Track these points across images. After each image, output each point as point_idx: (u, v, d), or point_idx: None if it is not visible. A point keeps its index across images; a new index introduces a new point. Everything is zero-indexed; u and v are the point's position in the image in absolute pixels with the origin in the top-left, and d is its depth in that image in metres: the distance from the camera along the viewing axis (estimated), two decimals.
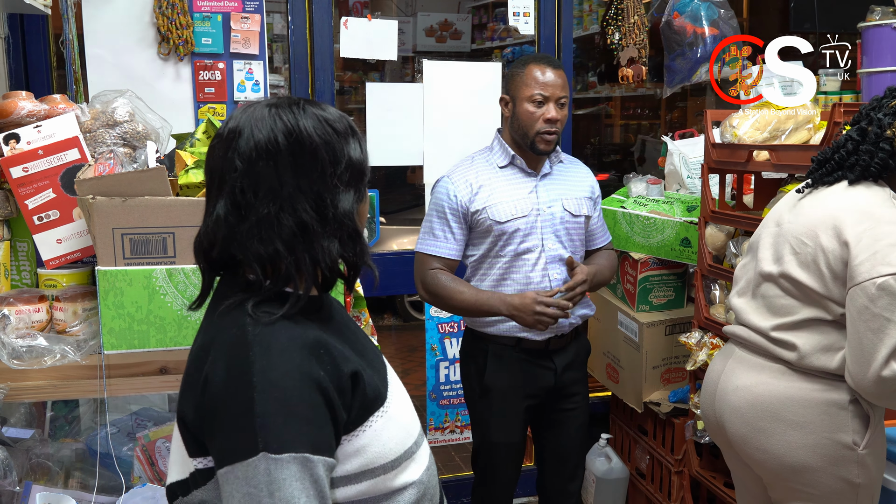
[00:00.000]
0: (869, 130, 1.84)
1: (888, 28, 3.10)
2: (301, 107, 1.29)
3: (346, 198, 1.25)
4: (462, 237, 2.44)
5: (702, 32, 3.23)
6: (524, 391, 2.47)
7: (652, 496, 3.16)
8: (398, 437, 1.33)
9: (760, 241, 2.02)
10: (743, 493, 2.17)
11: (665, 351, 3.14)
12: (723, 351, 2.15)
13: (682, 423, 2.95)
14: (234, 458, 1.14)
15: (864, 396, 1.78)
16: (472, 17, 6.12)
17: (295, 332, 1.23)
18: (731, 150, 2.66)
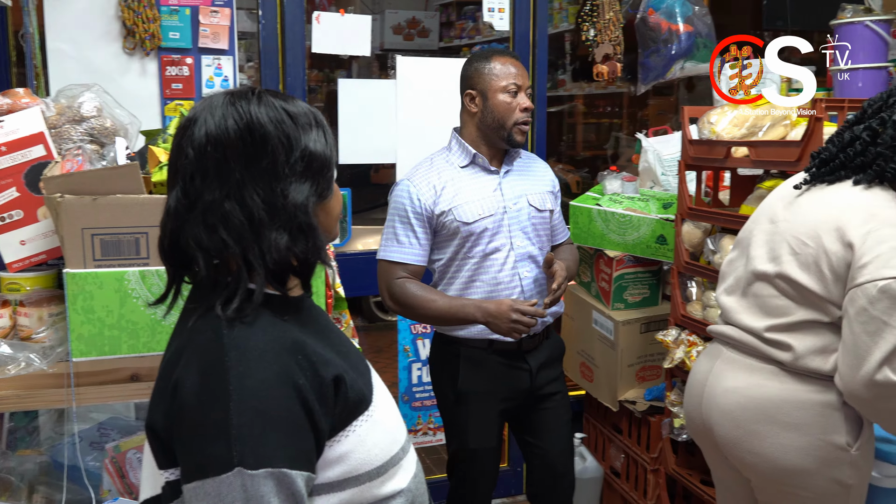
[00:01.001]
0: (882, 132, 1.79)
1: (860, 25, 3.11)
2: (258, 95, 1.25)
3: (299, 189, 1.20)
4: (427, 242, 2.36)
5: (676, 29, 3.22)
6: (500, 395, 2.43)
7: (627, 495, 3.15)
8: (384, 442, 1.28)
9: (752, 238, 1.97)
10: (725, 495, 2.15)
11: (640, 349, 3.13)
12: (708, 351, 2.10)
13: (657, 421, 2.94)
14: (206, 473, 1.08)
15: (850, 400, 1.74)
16: (440, 14, 6.07)
17: (273, 335, 1.18)
18: (708, 147, 2.65)
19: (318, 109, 1.32)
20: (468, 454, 2.46)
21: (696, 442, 2.16)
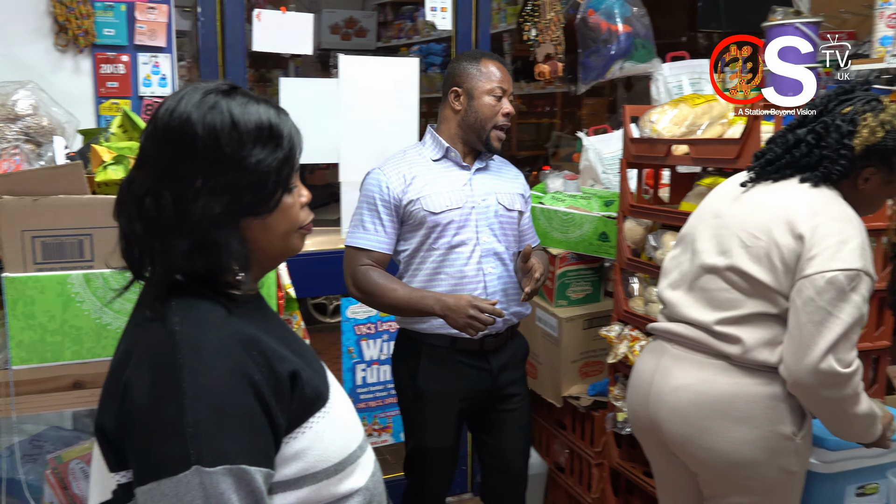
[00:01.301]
0: (826, 136, 1.87)
1: (791, 27, 3.21)
2: (218, 94, 1.22)
3: (214, 201, 1.17)
4: (393, 231, 2.38)
5: (616, 29, 3.27)
6: (458, 394, 2.43)
7: (572, 489, 3.19)
8: (341, 439, 1.27)
9: (698, 233, 2.01)
10: (668, 489, 2.17)
11: (583, 345, 3.17)
12: (651, 349, 2.13)
13: (601, 416, 2.99)
14: (161, 474, 1.06)
15: (794, 389, 1.79)
16: (377, 14, 6.04)
17: (227, 331, 1.16)
18: (650, 145, 2.70)
19: (288, 119, 1.27)
20: (424, 452, 2.46)
21: (638, 438, 2.18)
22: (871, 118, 1.87)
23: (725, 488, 1.92)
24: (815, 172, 1.88)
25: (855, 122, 1.88)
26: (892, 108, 1.90)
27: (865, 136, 1.87)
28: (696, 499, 2.07)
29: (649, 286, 2.78)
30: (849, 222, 1.81)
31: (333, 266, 3.10)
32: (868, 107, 1.90)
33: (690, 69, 3.45)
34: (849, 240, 1.77)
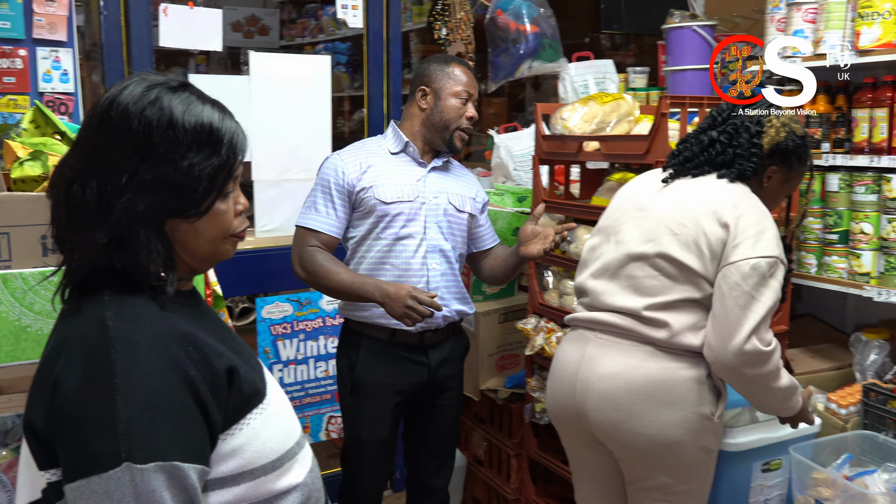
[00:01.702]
0: (738, 136, 2.02)
1: (688, 30, 3.37)
2: (164, 88, 1.20)
3: (138, 198, 1.14)
4: (344, 216, 2.43)
5: (524, 30, 3.35)
6: (395, 387, 2.44)
7: (491, 481, 3.23)
8: (279, 436, 1.27)
9: (621, 225, 2.07)
10: (587, 478, 2.20)
11: (499, 339, 3.22)
12: (571, 339, 2.15)
13: (519, 408, 3.05)
14: (91, 471, 1.04)
15: (719, 369, 1.88)
16: (280, 12, 5.96)
17: (162, 326, 1.15)
18: (561, 142, 2.78)
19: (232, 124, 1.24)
20: (360, 444, 2.47)
21: (558, 429, 2.21)
22: (776, 119, 2.04)
23: (649, 470, 1.98)
24: (730, 169, 2.01)
25: (762, 123, 2.04)
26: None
27: (772, 136, 2.02)
28: (616, 485, 2.13)
29: (563, 279, 2.85)
30: (764, 215, 1.95)
31: (248, 265, 3.07)
32: (773, 110, 2.08)
33: (595, 69, 3.57)
34: (766, 230, 1.90)
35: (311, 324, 3.21)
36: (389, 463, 2.55)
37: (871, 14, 2.62)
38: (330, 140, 3.21)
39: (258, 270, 3.08)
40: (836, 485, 2.25)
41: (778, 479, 2.38)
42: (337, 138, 3.24)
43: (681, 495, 1.99)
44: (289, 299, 3.17)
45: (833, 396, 2.61)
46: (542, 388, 2.85)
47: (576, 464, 2.23)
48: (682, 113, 2.44)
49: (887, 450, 2.36)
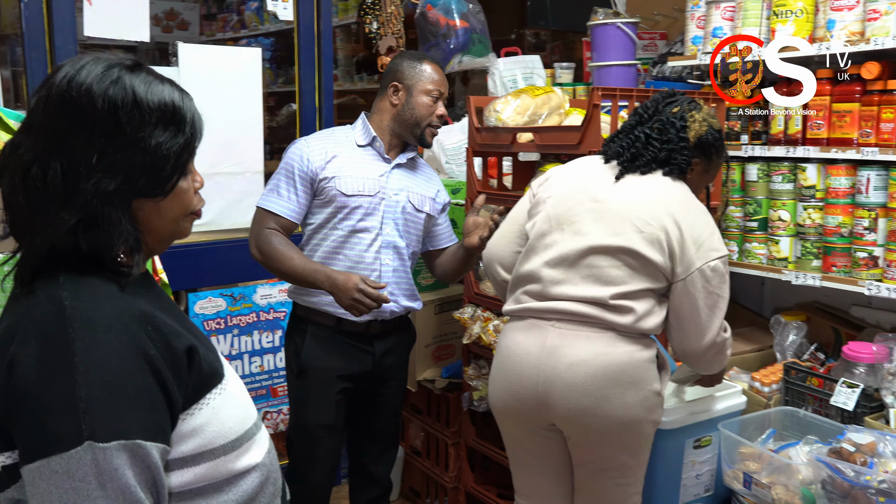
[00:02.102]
0: (667, 132, 2.12)
1: (613, 27, 3.48)
2: (122, 68, 1.19)
3: (108, 179, 1.14)
4: (305, 202, 2.44)
5: (454, 25, 3.39)
6: (340, 372, 2.46)
7: (429, 471, 3.26)
8: (238, 416, 1.27)
9: (577, 215, 2.09)
10: (533, 464, 2.20)
11: (435, 329, 3.26)
12: (523, 329, 2.12)
13: (456, 397, 3.09)
14: (51, 451, 1.02)
15: (688, 358, 2.10)
16: (199, 6, 5.84)
17: (120, 306, 1.14)
18: (495, 134, 2.83)
19: (191, 102, 1.24)
20: (304, 430, 2.47)
21: (506, 420, 2.19)
22: (697, 114, 2.16)
23: (610, 451, 2.05)
24: (671, 167, 2.12)
25: (685, 119, 2.15)
26: (706, 109, 2.21)
27: (696, 130, 2.15)
28: (563, 470, 2.17)
29: None
30: (707, 213, 2.10)
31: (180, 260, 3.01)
32: (690, 106, 2.19)
33: (523, 64, 3.64)
34: (713, 228, 2.06)
35: (245, 319, 3.18)
36: (336, 451, 2.55)
37: (785, 12, 2.76)
38: (262, 134, 3.18)
39: (190, 265, 3.03)
40: (762, 458, 2.37)
41: (708, 454, 2.49)
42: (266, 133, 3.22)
43: (633, 469, 2.09)
44: (222, 294, 3.13)
45: (756, 375, 2.74)
46: (480, 377, 2.90)
47: (522, 453, 2.23)
48: (613, 105, 2.52)
49: (807, 423, 2.49)
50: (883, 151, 2.50)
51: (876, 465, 2.09)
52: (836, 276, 2.64)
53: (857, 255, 2.58)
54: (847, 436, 2.21)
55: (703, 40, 3.06)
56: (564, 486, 2.18)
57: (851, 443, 2.17)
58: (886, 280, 2.52)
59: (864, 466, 2.08)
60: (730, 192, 2.94)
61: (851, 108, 2.60)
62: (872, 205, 2.55)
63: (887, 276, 2.52)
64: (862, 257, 2.57)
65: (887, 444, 2.15)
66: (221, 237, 3.12)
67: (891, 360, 2.40)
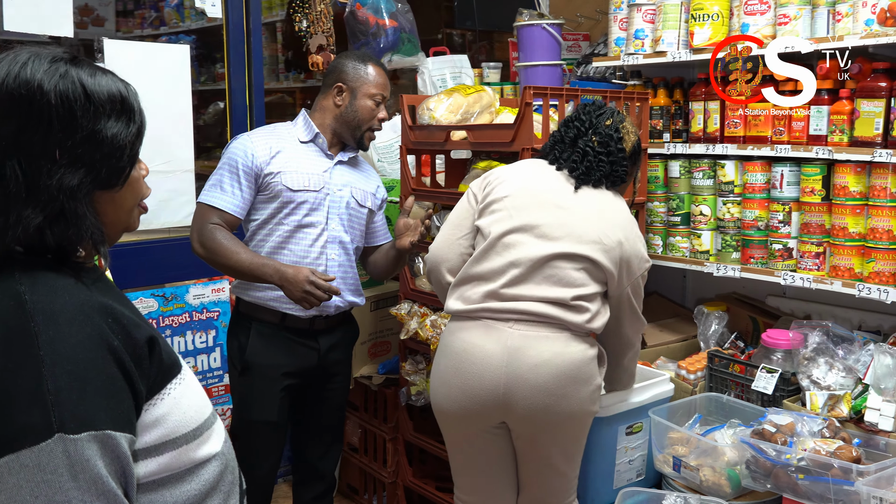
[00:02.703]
0: (608, 145, 2.22)
1: (538, 28, 3.56)
2: (66, 61, 1.18)
3: (70, 173, 1.14)
4: (249, 197, 2.43)
5: (383, 24, 3.42)
6: (285, 369, 2.47)
7: (367, 467, 3.29)
8: (197, 405, 1.29)
9: (540, 219, 2.13)
10: (482, 462, 2.22)
11: (371, 326, 3.28)
12: (477, 330, 2.11)
13: (393, 393, 3.12)
14: (20, 444, 1.02)
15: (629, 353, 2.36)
16: (115, 2, 5.68)
17: (80, 298, 1.14)
18: (429, 132, 2.87)
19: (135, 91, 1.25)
20: (249, 426, 2.47)
21: (455, 420, 2.17)
22: (627, 124, 2.29)
23: (560, 444, 2.14)
24: (615, 180, 2.25)
25: (619, 131, 2.26)
26: (623, 114, 2.33)
27: (630, 140, 2.27)
28: (509, 465, 2.22)
29: None
30: (634, 221, 2.29)
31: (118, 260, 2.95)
32: (619, 116, 2.30)
33: (452, 63, 3.70)
34: (640, 236, 2.25)
35: (178, 319, 3.14)
36: (279, 447, 2.55)
37: (703, 16, 2.89)
38: (191, 132, 3.14)
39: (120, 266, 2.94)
40: (690, 442, 2.48)
41: (640, 440, 2.59)
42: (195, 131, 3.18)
43: (575, 456, 2.20)
44: (153, 294, 3.08)
45: (682, 364, 2.87)
46: (417, 372, 2.94)
47: (469, 452, 2.23)
48: (545, 103, 2.59)
49: (730, 408, 2.63)
50: (795, 149, 2.64)
51: (795, 444, 2.22)
52: (754, 267, 2.79)
53: (773, 246, 2.73)
54: (768, 418, 2.34)
55: (625, 42, 3.17)
56: (506, 481, 2.24)
57: (772, 424, 2.30)
58: (800, 270, 2.67)
59: (784, 446, 2.21)
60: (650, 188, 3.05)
61: (765, 107, 2.75)
62: (786, 199, 2.70)
63: (801, 267, 2.67)
64: (777, 249, 2.72)
65: (804, 424, 2.29)
66: (152, 237, 3.08)
67: (806, 345, 2.55)
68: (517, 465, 2.23)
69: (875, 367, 2.36)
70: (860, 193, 2.51)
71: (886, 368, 2.33)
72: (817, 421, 2.29)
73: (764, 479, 2.24)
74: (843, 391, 2.41)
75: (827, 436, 2.25)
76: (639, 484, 2.60)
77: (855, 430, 2.31)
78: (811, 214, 2.63)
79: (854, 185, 2.52)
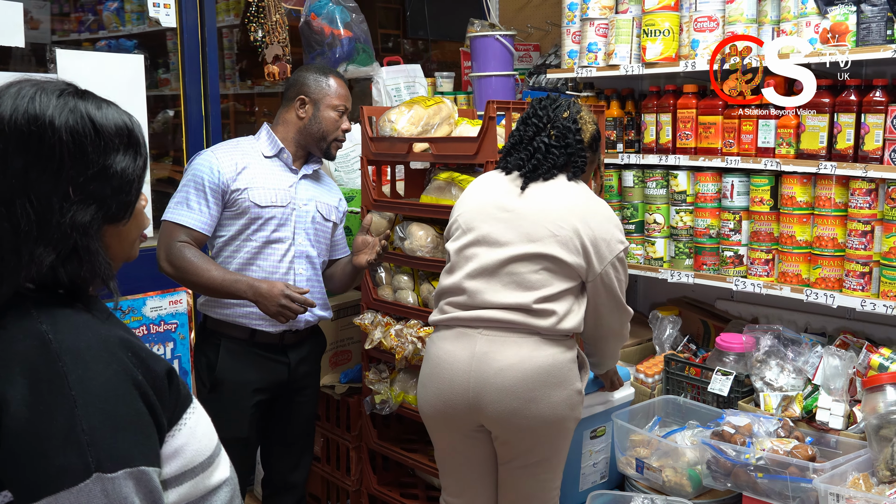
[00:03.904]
0: (565, 138, 2.25)
1: (492, 39, 3.62)
2: (71, 94, 1.18)
3: (82, 210, 1.14)
4: (216, 214, 2.41)
5: (339, 34, 3.43)
6: (255, 384, 2.46)
7: (330, 476, 3.29)
8: (209, 433, 1.31)
9: (490, 228, 2.19)
10: (463, 464, 2.28)
11: (332, 336, 3.28)
12: (451, 338, 2.19)
13: (356, 402, 3.13)
14: (59, 486, 1.03)
15: (614, 341, 2.39)
16: (50, 4, 5.51)
17: (101, 335, 1.15)
18: (390, 143, 2.89)
19: (138, 123, 1.24)
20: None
21: (435, 425, 2.26)
22: (585, 114, 2.32)
23: (535, 448, 2.16)
24: (574, 170, 2.26)
25: (577, 122, 2.30)
26: (580, 103, 2.38)
27: (588, 130, 2.31)
28: (490, 468, 2.27)
29: (397, 274, 2.98)
30: (606, 206, 2.28)
31: None
32: (576, 107, 2.34)
33: (405, 73, 3.73)
34: (615, 220, 2.24)
35: (136, 332, 3.08)
36: (249, 463, 2.55)
37: (654, 31, 2.99)
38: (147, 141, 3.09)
39: None
40: (651, 444, 2.58)
41: (603, 443, 2.67)
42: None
43: (554, 465, 2.23)
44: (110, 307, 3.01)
45: (640, 368, 2.97)
46: (380, 381, 2.96)
47: (452, 454, 2.29)
48: (507, 117, 2.65)
49: (687, 410, 2.73)
50: (744, 160, 2.77)
51: (753, 445, 2.33)
52: (707, 273, 2.91)
53: (725, 254, 2.85)
54: (726, 419, 2.45)
55: (578, 54, 3.25)
56: (490, 483, 2.28)
57: (731, 425, 2.41)
58: (750, 276, 2.80)
59: (743, 447, 2.32)
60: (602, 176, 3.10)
61: (715, 120, 2.87)
62: (737, 208, 2.83)
63: (751, 273, 2.80)
64: (729, 256, 2.84)
65: (761, 424, 2.40)
66: None
67: (758, 348, 2.67)
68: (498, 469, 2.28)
69: (824, 368, 2.49)
70: (806, 203, 2.65)
71: (835, 369, 2.46)
72: (772, 421, 2.41)
73: (724, 478, 2.34)
74: (794, 392, 2.53)
75: (782, 435, 2.37)
76: (602, 486, 2.69)
77: (807, 430, 2.44)
78: (760, 223, 2.76)
79: (801, 196, 2.65)
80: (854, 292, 2.52)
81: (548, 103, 2.34)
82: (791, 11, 2.65)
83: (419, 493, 3.05)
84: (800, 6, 2.61)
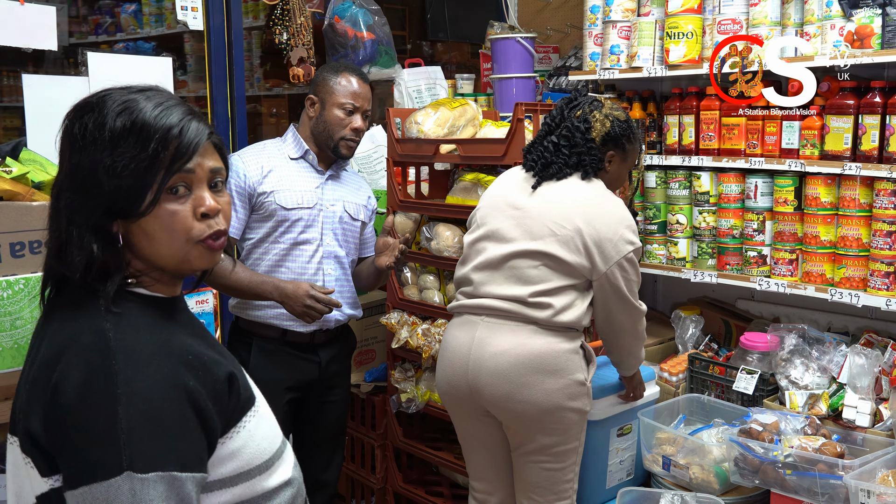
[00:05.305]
0: (573, 137, 2.29)
1: (512, 41, 3.65)
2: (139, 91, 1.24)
3: (73, 200, 1.19)
4: (244, 217, 2.44)
5: (361, 36, 3.46)
6: (287, 383, 2.49)
7: (355, 474, 3.33)
8: (270, 435, 1.33)
9: (500, 223, 2.29)
10: (478, 450, 2.40)
11: (356, 335, 3.30)
12: (458, 325, 2.33)
13: (381, 400, 3.17)
14: (93, 478, 1.07)
15: (628, 338, 2.37)
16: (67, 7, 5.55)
17: (160, 338, 1.18)
18: (417, 145, 2.93)
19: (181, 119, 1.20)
20: None
21: (450, 407, 2.40)
22: (598, 114, 2.35)
23: (533, 434, 2.23)
24: (584, 169, 2.30)
25: (588, 121, 2.34)
26: (608, 104, 2.40)
27: (599, 129, 2.34)
28: (504, 453, 2.35)
29: (423, 274, 3.01)
30: (621, 206, 2.30)
31: None
32: (592, 106, 2.38)
33: (426, 75, 3.76)
34: (629, 220, 2.27)
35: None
36: None
37: (677, 34, 3.01)
38: None
39: None
40: (677, 441, 2.61)
41: (629, 441, 2.70)
42: None
43: (561, 455, 2.27)
44: None
45: (664, 366, 2.99)
46: (406, 380, 3.00)
47: (467, 438, 2.41)
48: (535, 118, 2.68)
49: (711, 408, 2.76)
50: (768, 161, 2.79)
51: (781, 442, 2.36)
52: (730, 273, 2.93)
53: (748, 254, 2.88)
54: (753, 417, 2.47)
55: (600, 56, 3.28)
56: (505, 469, 2.36)
57: (758, 423, 2.44)
58: (774, 276, 2.82)
59: (771, 444, 2.35)
60: (642, 173, 3.12)
61: (739, 121, 2.89)
62: (760, 209, 2.85)
63: (775, 273, 2.82)
64: (752, 256, 2.87)
65: (788, 422, 2.43)
66: None
67: (782, 347, 2.70)
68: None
69: (849, 367, 2.52)
70: (831, 204, 2.67)
71: (860, 368, 2.49)
72: (799, 419, 2.43)
73: (752, 475, 2.37)
74: (820, 390, 2.56)
75: (809, 433, 2.39)
76: (629, 483, 2.71)
77: (834, 427, 2.47)
78: (784, 223, 2.78)
79: (825, 196, 2.68)
80: (879, 292, 2.55)
81: (565, 103, 2.40)
82: (815, 14, 2.67)
83: (444, 490, 3.08)
84: (824, 9, 2.64)
